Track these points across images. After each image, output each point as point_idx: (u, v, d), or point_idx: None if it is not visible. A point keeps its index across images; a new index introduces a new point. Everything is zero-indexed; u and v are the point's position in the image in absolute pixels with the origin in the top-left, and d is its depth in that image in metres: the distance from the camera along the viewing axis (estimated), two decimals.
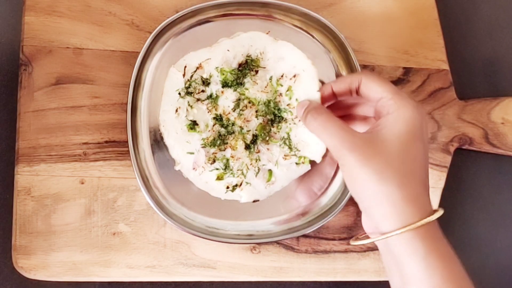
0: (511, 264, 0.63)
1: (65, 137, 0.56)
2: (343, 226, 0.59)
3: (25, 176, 0.55)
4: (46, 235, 0.54)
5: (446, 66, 0.63)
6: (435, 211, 0.44)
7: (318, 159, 0.56)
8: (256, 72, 0.57)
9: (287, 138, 0.55)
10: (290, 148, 0.55)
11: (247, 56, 0.57)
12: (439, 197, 0.60)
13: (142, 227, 0.56)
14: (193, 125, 0.56)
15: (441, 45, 0.64)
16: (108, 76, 0.58)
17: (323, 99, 0.52)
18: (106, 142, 0.57)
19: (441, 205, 0.60)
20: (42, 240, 0.54)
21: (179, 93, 0.57)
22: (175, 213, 0.56)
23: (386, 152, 0.43)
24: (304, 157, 0.56)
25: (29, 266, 0.53)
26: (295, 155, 0.56)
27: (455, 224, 0.63)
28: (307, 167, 0.57)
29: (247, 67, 0.57)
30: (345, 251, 0.58)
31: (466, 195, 0.64)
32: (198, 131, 0.56)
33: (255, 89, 0.57)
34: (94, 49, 0.59)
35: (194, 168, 0.55)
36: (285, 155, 0.52)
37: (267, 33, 0.58)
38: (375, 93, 0.47)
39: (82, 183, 0.56)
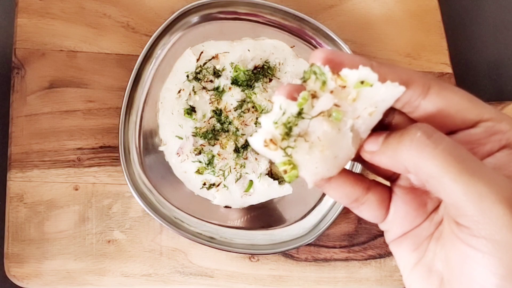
0: None
1: (58, 142, 0.55)
2: (343, 234, 0.58)
3: (17, 182, 0.54)
4: (39, 242, 0.53)
5: (449, 70, 0.63)
6: None
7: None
8: (270, 80, 0.58)
9: None
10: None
11: (265, 62, 0.58)
12: None
13: (137, 234, 0.55)
14: (191, 111, 0.56)
15: (445, 47, 0.63)
16: (102, 79, 0.57)
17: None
18: (101, 147, 0.56)
19: None
20: (35, 248, 0.53)
21: (187, 76, 0.57)
22: (172, 218, 0.55)
23: None
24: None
25: (21, 274, 0.53)
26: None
27: None
28: (289, 190, 0.56)
29: (262, 72, 0.57)
30: (346, 259, 0.57)
31: None
32: (194, 119, 0.56)
33: (263, 96, 0.57)
34: (88, 52, 0.58)
35: (178, 154, 0.55)
36: None
37: (291, 47, 0.59)
38: (466, 112, 0.29)
39: (76, 189, 0.55)
